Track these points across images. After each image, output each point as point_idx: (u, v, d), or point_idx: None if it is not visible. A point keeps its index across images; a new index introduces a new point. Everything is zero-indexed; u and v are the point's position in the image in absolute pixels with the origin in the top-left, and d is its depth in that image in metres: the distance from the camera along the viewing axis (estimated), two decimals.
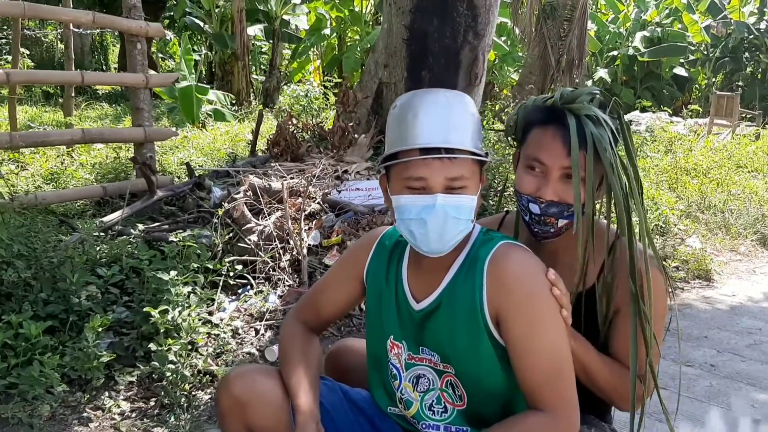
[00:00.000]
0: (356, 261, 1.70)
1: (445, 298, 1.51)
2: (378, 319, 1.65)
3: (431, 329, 1.54)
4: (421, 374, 1.59)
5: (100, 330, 2.84)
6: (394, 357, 1.63)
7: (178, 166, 6.10)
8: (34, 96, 14.22)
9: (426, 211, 1.40)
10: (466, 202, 1.42)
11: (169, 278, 3.02)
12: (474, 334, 1.47)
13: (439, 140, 1.40)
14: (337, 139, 5.56)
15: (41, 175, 5.62)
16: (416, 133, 1.42)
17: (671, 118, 14.43)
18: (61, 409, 2.72)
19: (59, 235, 4.06)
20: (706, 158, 8.06)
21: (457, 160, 1.40)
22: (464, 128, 1.42)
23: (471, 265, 1.50)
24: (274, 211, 3.93)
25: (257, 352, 3.18)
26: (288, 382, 1.61)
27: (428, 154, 1.40)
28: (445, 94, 1.45)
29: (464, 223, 1.43)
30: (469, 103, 1.47)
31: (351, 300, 1.74)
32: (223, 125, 9.01)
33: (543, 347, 1.42)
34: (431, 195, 1.40)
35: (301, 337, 1.73)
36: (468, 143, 1.42)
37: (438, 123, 1.41)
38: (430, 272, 1.54)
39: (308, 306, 1.78)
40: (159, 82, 5.14)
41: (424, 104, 1.43)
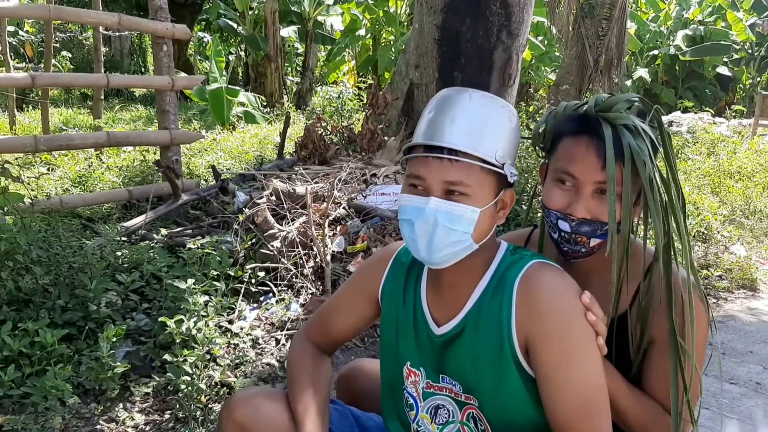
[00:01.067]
0: (370, 279, 1.58)
1: (469, 323, 1.37)
2: (394, 342, 1.52)
3: (453, 356, 1.40)
4: (440, 405, 1.45)
5: (115, 340, 2.76)
6: (410, 385, 1.50)
7: (206, 169, 6.05)
8: (72, 99, 14.43)
9: (415, 213, 1.30)
10: (462, 213, 1.28)
11: (186, 287, 2.93)
12: (500, 363, 1.33)
13: (443, 139, 1.28)
14: (366, 142, 5.45)
15: (69, 177, 5.62)
16: (423, 129, 1.32)
17: (714, 118, 14.00)
18: (75, 421, 2.65)
19: (82, 239, 4.02)
20: (751, 161, 7.73)
21: (459, 164, 1.27)
22: (483, 134, 1.29)
23: (499, 286, 1.35)
24: (298, 217, 3.82)
25: (277, 363, 3.07)
26: (295, 407, 1.49)
27: (430, 152, 1.28)
28: (475, 96, 1.33)
29: (459, 234, 1.29)
30: (502, 111, 1.34)
31: (364, 321, 1.61)
32: (253, 127, 8.97)
33: (578, 381, 1.27)
34: (425, 197, 1.29)
35: (310, 359, 1.60)
36: (481, 150, 1.28)
37: (449, 121, 1.29)
38: (452, 293, 1.40)
39: (318, 325, 1.65)
40: (186, 84, 5.08)
41: (446, 102, 1.32)
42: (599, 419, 1.27)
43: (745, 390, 3.06)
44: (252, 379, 2.95)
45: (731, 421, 2.77)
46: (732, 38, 18.87)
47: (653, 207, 1.35)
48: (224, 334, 3.16)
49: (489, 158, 1.28)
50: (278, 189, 3.89)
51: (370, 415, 1.66)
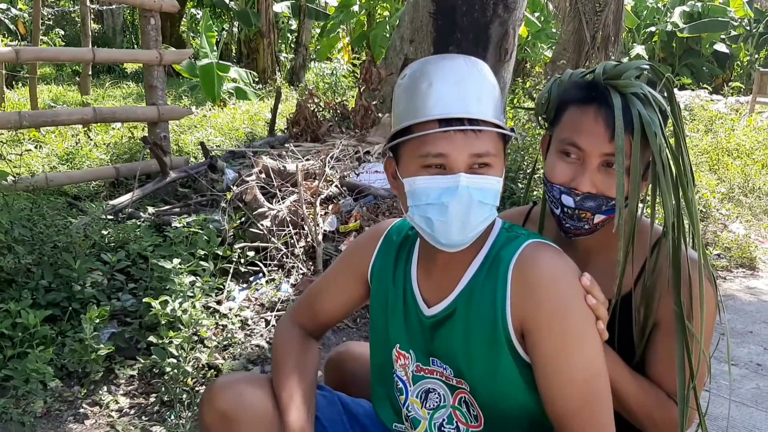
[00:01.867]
0: (360, 258, 1.49)
1: (460, 304, 1.29)
2: (383, 325, 1.43)
3: (444, 338, 1.32)
4: (431, 389, 1.38)
5: (99, 321, 2.67)
6: (400, 368, 1.42)
7: (195, 146, 5.93)
8: (63, 76, 14.22)
9: (447, 195, 1.18)
10: (492, 184, 1.21)
11: (172, 266, 2.84)
12: (493, 347, 1.25)
13: (460, 110, 1.19)
14: (359, 119, 5.34)
15: (57, 155, 5.50)
16: (432, 102, 1.20)
17: (711, 96, 13.89)
18: (57, 404, 2.57)
19: (68, 218, 3.92)
20: (749, 138, 7.64)
21: (482, 134, 1.19)
22: (486, 98, 1.21)
23: (493, 266, 1.27)
24: (289, 195, 3.72)
25: (267, 345, 2.99)
26: (279, 394, 1.41)
27: (449, 126, 1.18)
28: (468, 60, 1.25)
29: (489, 209, 1.22)
30: (487, 70, 1.26)
31: (353, 302, 1.53)
32: (244, 104, 8.82)
33: (577, 368, 1.18)
34: (453, 175, 1.18)
35: (297, 342, 1.52)
36: (491, 114, 1.21)
37: (458, 91, 1.19)
38: (443, 273, 1.32)
39: (305, 307, 1.57)
40: (174, 59, 4.95)
41: (441, 71, 1.22)
42: (600, 408, 1.19)
43: (746, 371, 3.00)
44: (241, 361, 2.88)
45: (732, 403, 2.71)
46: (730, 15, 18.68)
47: (663, 181, 1.26)
48: (212, 315, 3.08)
49: (501, 122, 1.22)
50: (268, 166, 3.79)
51: (359, 401, 1.59)
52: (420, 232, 1.27)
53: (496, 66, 5.56)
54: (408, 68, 1.28)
